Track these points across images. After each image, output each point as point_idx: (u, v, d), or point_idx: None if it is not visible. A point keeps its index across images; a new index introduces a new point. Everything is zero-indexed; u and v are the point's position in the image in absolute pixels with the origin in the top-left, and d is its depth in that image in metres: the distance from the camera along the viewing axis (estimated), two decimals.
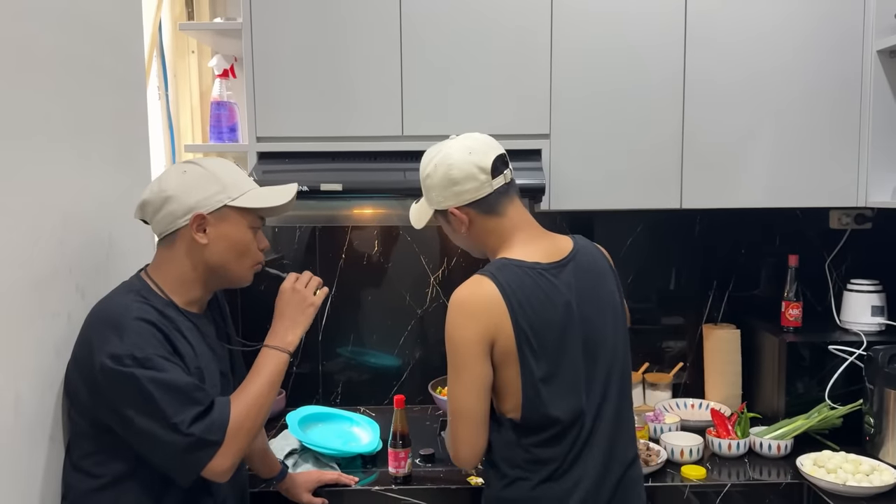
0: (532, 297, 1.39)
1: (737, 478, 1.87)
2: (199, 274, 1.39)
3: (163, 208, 1.35)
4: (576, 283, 1.45)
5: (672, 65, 2.02)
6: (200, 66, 2.38)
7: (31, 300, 1.29)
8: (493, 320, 1.38)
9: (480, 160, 1.44)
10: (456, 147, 1.47)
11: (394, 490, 1.82)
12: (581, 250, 1.51)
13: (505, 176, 1.47)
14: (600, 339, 1.46)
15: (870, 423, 1.92)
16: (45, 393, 1.33)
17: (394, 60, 2.02)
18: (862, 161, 2.03)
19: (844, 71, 2.03)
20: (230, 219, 1.37)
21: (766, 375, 2.21)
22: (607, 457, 1.44)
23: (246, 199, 1.38)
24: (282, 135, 2.05)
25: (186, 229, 1.35)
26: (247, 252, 1.41)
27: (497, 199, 1.47)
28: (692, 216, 2.40)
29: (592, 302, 1.47)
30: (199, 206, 1.34)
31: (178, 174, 1.37)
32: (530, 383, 1.39)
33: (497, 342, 1.38)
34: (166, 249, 1.39)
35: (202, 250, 1.36)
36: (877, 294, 2.15)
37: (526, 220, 1.51)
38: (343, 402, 2.45)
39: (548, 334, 1.40)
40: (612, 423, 1.46)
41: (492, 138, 1.51)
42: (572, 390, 1.42)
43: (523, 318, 1.38)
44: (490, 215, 1.48)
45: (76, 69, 1.47)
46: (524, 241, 1.48)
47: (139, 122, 1.80)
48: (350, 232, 2.43)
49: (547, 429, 1.41)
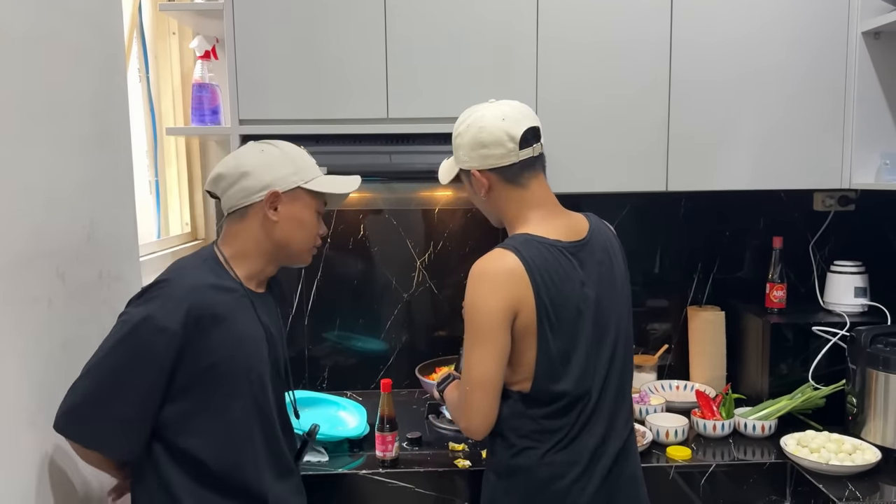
0: (553, 273, 1.42)
1: (721, 458, 1.89)
2: (264, 249, 1.44)
3: (238, 183, 1.41)
4: (592, 263, 1.48)
5: (658, 48, 2.02)
6: (182, 48, 2.34)
7: (10, 284, 1.27)
8: (518, 293, 1.40)
9: (511, 128, 1.45)
10: (491, 111, 1.48)
11: (381, 473, 1.82)
12: (595, 230, 1.53)
13: (534, 149, 1.48)
14: (610, 318, 1.49)
15: (852, 402, 1.94)
16: (27, 377, 1.31)
17: (378, 42, 1.99)
18: (846, 143, 2.04)
19: (829, 53, 2.03)
20: (301, 200, 1.45)
21: (751, 357, 2.23)
22: (608, 429, 1.48)
23: (317, 183, 1.46)
24: (265, 117, 2.02)
25: (260, 205, 1.41)
26: (310, 234, 1.49)
27: (521, 171, 1.48)
28: (677, 199, 2.40)
29: (605, 282, 1.49)
30: (275, 184, 1.41)
31: (257, 152, 1.44)
32: (546, 358, 1.42)
33: (520, 315, 1.41)
34: (236, 223, 1.44)
35: (272, 226, 1.43)
36: (860, 275, 2.17)
37: (547, 197, 1.53)
38: (330, 387, 2.44)
39: (566, 311, 1.43)
40: (614, 399, 1.49)
41: (529, 109, 1.51)
42: (582, 366, 1.45)
43: (545, 293, 1.40)
44: (512, 185, 1.49)
45: (53, 50, 1.44)
46: (543, 218, 1.49)
47: (119, 105, 1.77)
48: (335, 215, 2.41)
49: (555, 401, 1.44)
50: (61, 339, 1.37)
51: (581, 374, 1.45)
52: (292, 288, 2.42)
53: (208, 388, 1.34)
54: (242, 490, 1.39)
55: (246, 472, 1.39)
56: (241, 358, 1.38)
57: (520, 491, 1.46)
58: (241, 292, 1.41)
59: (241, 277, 1.43)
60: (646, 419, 2.03)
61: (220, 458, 1.36)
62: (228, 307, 1.37)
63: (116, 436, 1.32)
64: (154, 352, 1.29)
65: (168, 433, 1.34)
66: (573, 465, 1.45)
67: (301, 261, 1.52)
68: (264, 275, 1.49)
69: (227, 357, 1.35)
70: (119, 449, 1.34)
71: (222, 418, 1.36)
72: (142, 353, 1.29)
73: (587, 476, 1.45)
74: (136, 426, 1.32)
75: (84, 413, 1.30)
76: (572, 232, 1.49)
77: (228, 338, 1.35)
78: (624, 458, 1.51)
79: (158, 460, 1.35)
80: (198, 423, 1.35)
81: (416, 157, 1.99)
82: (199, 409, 1.34)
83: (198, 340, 1.31)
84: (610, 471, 1.48)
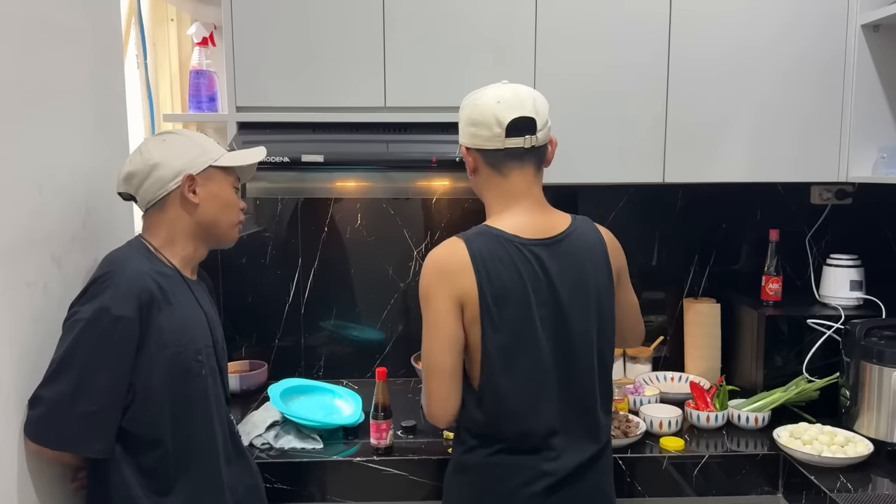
0: (501, 268, 1.39)
1: (714, 449, 1.89)
2: (190, 233, 1.47)
3: (150, 176, 1.43)
4: (557, 264, 1.43)
5: (656, 39, 2.01)
6: (180, 35, 2.33)
7: (5, 269, 1.27)
8: (462, 284, 1.39)
9: (502, 113, 1.42)
10: (492, 91, 1.46)
11: (375, 461, 1.83)
12: (575, 233, 1.48)
13: (525, 140, 1.43)
14: (572, 323, 1.44)
15: (845, 395, 1.95)
16: (21, 363, 1.31)
17: (376, 30, 1.99)
18: (844, 136, 2.04)
19: (828, 45, 2.02)
20: (215, 178, 1.47)
21: (745, 349, 2.24)
22: (567, 438, 1.44)
23: (225, 159, 1.49)
24: (262, 104, 2.01)
25: (177, 192, 1.43)
26: (232, 210, 1.51)
27: (506, 159, 1.45)
28: (674, 191, 2.40)
29: (573, 286, 1.44)
30: (188, 167, 1.43)
31: (160, 143, 1.46)
32: (488, 354, 1.40)
33: (465, 307, 1.40)
34: (157, 214, 1.46)
35: (194, 209, 1.45)
36: (855, 269, 2.17)
37: (528, 192, 1.48)
38: (326, 376, 2.45)
39: (511, 310, 1.40)
40: (576, 407, 1.46)
41: (533, 101, 1.45)
42: (529, 372, 1.42)
43: (489, 287, 1.38)
44: (494, 171, 1.47)
45: (50, 36, 1.44)
46: (517, 212, 1.46)
47: (117, 91, 1.77)
48: (332, 205, 2.41)
49: (504, 401, 1.42)
50: (56, 324, 1.37)
51: (528, 377, 1.42)
52: (288, 277, 2.42)
53: (164, 370, 1.37)
54: (198, 471, 1.43)
55: (202, 452, 1.44)
56: (189, 340, 1.41)
57: (470, 488, 1.47)
58: (177, 278, 1.45)
59: (175, 265, 1.46)
60: (640, 409, 2.04)
61: (179, 438, 1.39)
62: (171, 291, 1.40)
63: (89, 434, 1.32)
64: (116, 341, 1.31)
65: (126, 417, 1.35)
66: (521, 469, 1.42)
67: (228, 238, 1.54)
68: (196, 260, 1.52)
69: (176, 339, 1.39)
70: (91, 446, 1.34)
71: (180, 397, 1.39)
72: (104, 345, 1.31)
73: (537, 483, 1.42)
74: (108, 419, 1.33)
75: (55, 418, 1.30)
76: (543, 230, 1.46)
77: (175, 321, 1.39)
78: (588, 472, 1.47)
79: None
80: (156, 406, 1.37)
81: (413, 145, 1.99)
82: (158, 391, 1.37)
83: (149, 325, 1.35)
84: (565, 482, 1.43)
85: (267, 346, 2.46)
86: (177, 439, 1.39)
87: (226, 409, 1.55)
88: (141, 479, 1.37)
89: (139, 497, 1.36)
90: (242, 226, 1.56)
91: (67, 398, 1.30)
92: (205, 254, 1.54)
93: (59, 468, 1.44)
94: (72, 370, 1.30)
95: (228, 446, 1.52)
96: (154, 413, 1.37)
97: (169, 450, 1.38)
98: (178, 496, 1.40)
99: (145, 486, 1.37)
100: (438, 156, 1.92)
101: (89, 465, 1.40)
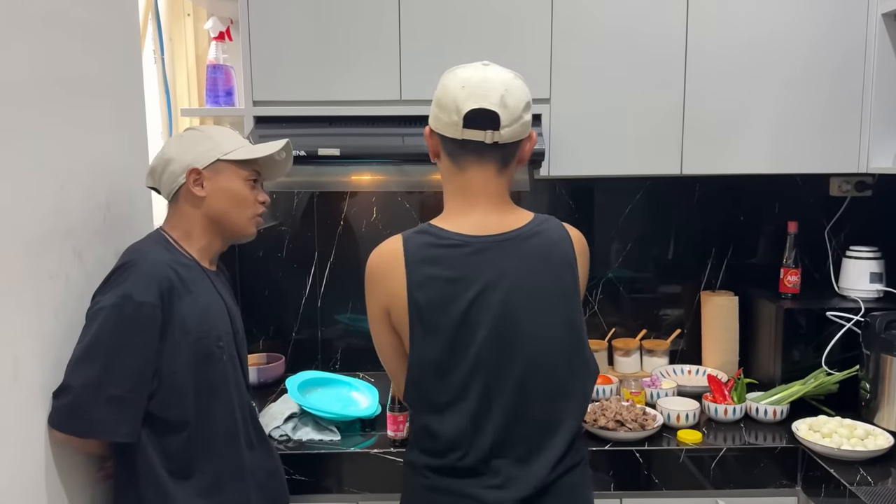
0: (436, 271, 1.28)
1: (732, 442, 1.88)
2: (202, 226, 1.50)
3: (165, 170, 1.48)
4: (505, 264, 1.29)
5: (674, 30, 2.00)
6: (196, 29, 2.34)
7: (29, 262, 1.29)
8: (391, 288, 1.30)
9: (463, 100, 1.26)
10: (461, 72, 1.30)
11: (392, 452, 1.84)
12: (535, 231, 1.33)
13: (485, 135, 1.27)
14: (522, 328, 1.29)
15: (865, 388, 1.93)
16: (45, 355, 1.33)
17: (392, 23, 1.99)
18: (864, 127, 2.02)
19: (848, 35, 2.00)
20: (224, 172, 1.48)
21: (763, 342, 2.22)
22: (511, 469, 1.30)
23: (237, 153, 1.50)
24: (279, 98, 2.02)
25: (187, 185, 1.46)
26: (244, 203, 1.51)
27: (463, 151, 1.31)
28: (692, 183, 2.38)
29: (525, 288, 1.30)
30: (195, 162, 1.46)
31: (176, 139, 1.52)
32: (418, 364, 1.30)
33: (392, 312, 1.32)
34: (174, 207, 1.51)
35: (201, 203, 1.47)
36: (875, 261, 2.15)
37: (485, 191, 1.32)
38: (342, 368, 2.46)
39: (445, 317, 1.27)
40: (530, 424, 1.31)
41: (507, 91, 1.27)
42: (463, 381, 1.29)
43: (420, 292, 1.28)
44: (451, 161, 1.33)
45: (69, 31, 1.45)
46: (468, 212, 1.33)
47: (135, 87, 1.78)
48: (348, 198, 2.42)
49: (438, 414, 1.31)
50: (78, 316, 1.38)
51: (462, 391, 1.29)
52: (305, 271, 2.44)
53: (187, 355, 1.40)
54: (220, 454, 1.45)
55: (224, 437, 1.46)
56: (210, 326, 1.44)
57: (408, 489, 1.41)
58: (197, 268, 1.48)
59: (194, 256, 1.49)
60: (657, 402, 2.03)
61: (202, 422, 1.42)
62: (190, 280, 1.43)
63: (117, 418, 1.34)
64: (140, 325, 1.34)
65: (152, 402, 1.38)
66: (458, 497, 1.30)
67: (244, 231, 1.53)
68: (213, 251, 1.54)
69: (197, 325, 1.42)
70: (118, 430, 1.35)
71: (203, 382, 1.42)
72: (128, 330, 1.33)
73: None
74: (135, 403, 1.35)
75: (83, 405, 1.32)
76: (495, 228, 1.31)
77: (196, 308, 1.42)
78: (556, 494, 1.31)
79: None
80: (181, 390, 1.40)
81: None
82: (182, 376, 1.39)
83: (171, 311, 1.37)
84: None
85: (284, 340, 2.47)
86: (200, 423, 1.42)
87: (247, 396, 1.57)
88: (166, 464, 1.40)
89: (165, 481, 1.39)
90: (262, 219, 1.56)
91: (95, 384, 1.32)
92: (222, 246, 1.56)
93: (85, 459, 1.46)
94: (98, 357, 1.32)
95: (250, 431, 1.54)
96: (179, 397, 1.39)
97: (193, 434, 1.41)
98: (202, 479, 1.43)
99: (171, 470, 1.40)
100: None
101: (116, 452, 1.42)
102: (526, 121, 1.31)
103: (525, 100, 1.30)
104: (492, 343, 1.28)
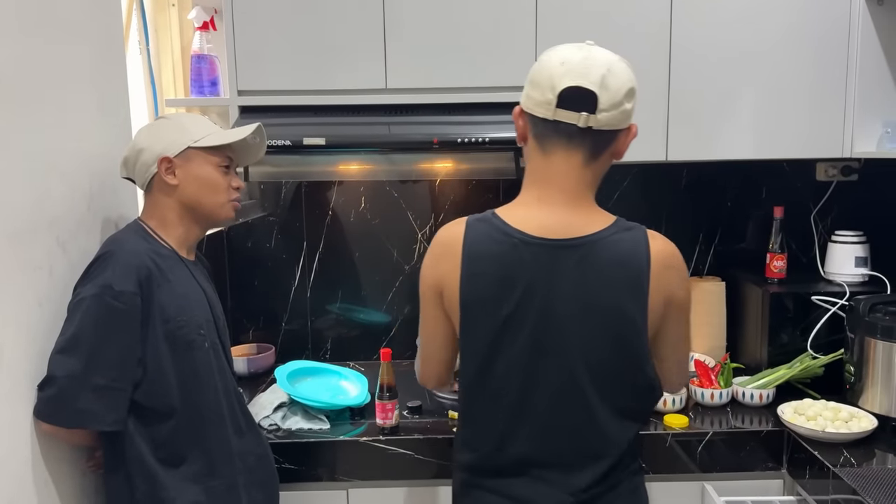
0: (491, 269, 1.25)
1: (719, 426, 1.90)
2: (178, 214, 1.50)
3: (138, 161, 1.49)
4: (561, 273, 1.23)
5: (658, 16, 2.00)
6: (181, 19, 2.33)
7: (13, 253, 1.29)
8: (445, 268, 1.28)
9: (560, 77, 1.19)
10: (562, 50, 1.23)
11: (381, 440, 1.85)
12: (606, 241, 1.24)
13: (579, 118, 1.18)
14: (565, 342, 1.24)
15: (850, 371, 1.95)
16: (30, 345, 1.33)
17: (376, 11, 1.98)
18: (848, 111, 2.02)
19: (831, 19, 2.00)
20: (195, 159, 1.49)
21: (750, 326, 2.24)
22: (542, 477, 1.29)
23: (206, 140, 1.50)
24: (263, 88, 2.02)
25: (159, 174, 1.47)
26: (216, 189, 1.51)
27: (551, 134, 1.22)
28: (678, 170, 2.39)
29: (574, 302, 1.23)
30: (166, 150, 1.46)
31: (147, 129, 1.53)
32: (462, 355, 1.31)
33: (444, 292, 1.30)
34: (149, 197, 1.52)
35: (174, 191, 1.48)
36: (861, 245, 2.16)
37: (565, 183, 1.24)
38: (332, 358, 2.47)
39: (489, 317, 1.25)
40: (558, 450, 1.29)
41: (609, 71, 1.19)
42: (499, 383, 1.28)
43: (471, 286, 1.26)
44: (537, 144, 1.25)
45: (51, 21, 1.44)
46: (539, 206, 1.26)
47: (119, 77, 1.78)
48: (336, 188, 2.42)
49: (473, 410, 1.33)
50: (63, 307, 1.38)
51: (498, 392, 1.27)
52: (294, 261, 2.44)
53: (169, 343, 1.41)
54: (208, 441, 1.47)
55: (211, 423, 1.47)
56: (189, 314, 1.45)
57: (455, 481, 1.42)
58: (174, 258, 1.48)
59: (171, 245, 1.49)
60: None
61: (188, 409, 1.43)
62: (168, 269, 1.44)
63: (103, 407, 1.34)
64: (121, 314, 1.35)
65: (137, 392, 1.39)
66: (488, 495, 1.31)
67: (219, 217, 1.54)
68: (192, 239, 1.55)
69: (176, 314, 1.42)
70: (105, 419, 1.36)
71: (187, 369, 1.44)
72: (110, 320, 1.34)
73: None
74: (120, 392, 1.36)
75: (68, 395, 1.32)
76: (564, 230, 1.24)
77: (174, 296, 1.43)
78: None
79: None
80: (165, 378, 1.41)
81: (415, 127, 1.99)
82: (165, 364, 1.41)
83: (150, 299, 1.38)
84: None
85: (274, 330, 2.48)
86: (186, 410, 1.43)
87: (233, 383, 1.58)
88: (155, 452, 1.41)
89: (155, 469, 1.40)
90: (239, 203, 1.57)
91: (79, 374, 1.32)
92: (199, 233, 1.56)
93: (72, 450, 1.47)
94: (81, 347, 1.33)
95: (238, 417, 1.55)
96: (163, 385, 1.41)
97: (180, 421, 1.42)
98: (191, 466, 1.44)
99: (160, 458, 1.41)
100: (440, 137, 1.92)
101: (104, 442, 1.43)
102: (626, 109, 1.22)
103: (629, 85, 1.22)
104: (531, 351, 1.25)
